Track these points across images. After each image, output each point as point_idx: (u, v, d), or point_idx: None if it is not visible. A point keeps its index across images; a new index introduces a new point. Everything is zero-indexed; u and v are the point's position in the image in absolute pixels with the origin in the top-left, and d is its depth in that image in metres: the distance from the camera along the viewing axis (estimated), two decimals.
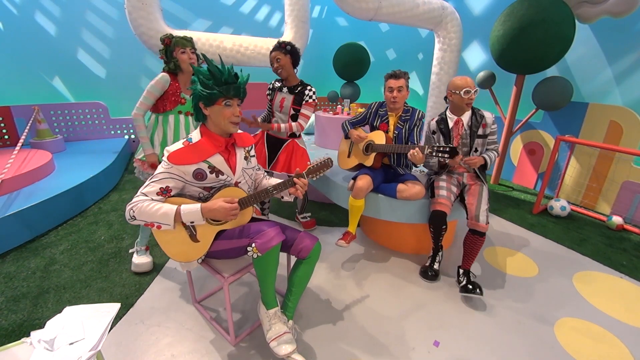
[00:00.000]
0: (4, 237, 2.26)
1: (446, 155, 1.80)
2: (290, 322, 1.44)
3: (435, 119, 2.17)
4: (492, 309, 1.85)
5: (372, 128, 2.30)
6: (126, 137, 4.97)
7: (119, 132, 4.98)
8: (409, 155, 1.91)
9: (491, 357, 1.53)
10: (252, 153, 1.56)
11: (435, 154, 1.84)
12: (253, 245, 1.29)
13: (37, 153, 3.41)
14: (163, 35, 1.98)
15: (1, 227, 2.22)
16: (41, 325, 1.46)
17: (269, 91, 2.37)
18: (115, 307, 1.10)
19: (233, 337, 1.56)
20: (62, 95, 4.72)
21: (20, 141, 3.31)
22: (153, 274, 2.08)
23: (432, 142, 2.20)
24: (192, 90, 1.34)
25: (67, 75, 4.67)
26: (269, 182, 1.63)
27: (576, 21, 3.03)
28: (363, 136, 2.25)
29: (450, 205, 2.01)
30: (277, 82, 2.35)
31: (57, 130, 4.54)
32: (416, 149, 1.88)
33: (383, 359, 1.51)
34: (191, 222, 1.33)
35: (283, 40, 2.23)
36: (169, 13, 4.88)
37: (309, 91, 2.22)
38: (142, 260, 2.09)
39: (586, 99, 3.47)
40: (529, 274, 2.19)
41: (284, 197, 1.53)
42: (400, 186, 2.11)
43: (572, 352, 1.57)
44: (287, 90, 2.27)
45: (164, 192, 1.33)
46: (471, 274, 1.97)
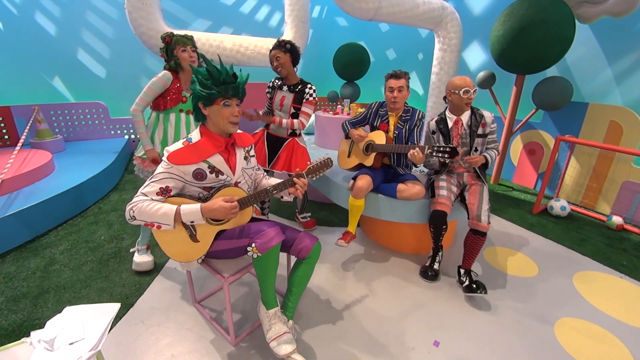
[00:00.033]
0: (4, 237, 2.26)
1: (446, 155, 1.80)
2: (290, 322, 1.44)
3: (435, 119, 2.17)
4: (492, 309, 1.85)
5: (372, 128, 2.30)
6: (126, 137, 4.98)
7: (119, 132, 4.98)
8: (409, 155, 1.91)
9: (491, 357, 1.53)
10: (251, 153, 1.56)
11: (436, 154, 1.84)
12: (253, 245, 1.29)
13: (37, 153, 3.41)
14: (164, 34, 1.98)
15: (1, 227, 2.23)
16: (41, 325, 1.46)
17: (268, 89, 2.37)
18: (115, 307, 1.10)
19: (233, 337, 1.56)
20: (62, 95, 4.72)
21: (20, 141, 3.31)
22: (153, 274, 2.08)
23: (432, 142, 2.20)
24: (192, 90, 1.34)
25: (67, 75, 4.67)
26: (268, 182, 1.63)
27: (576, 21, 3.03)
28: (363, 135, 2.25)
29: (451, 205, 2.01)
30: (277, 81, 2.34)
31: (57, 130, 4.54)
32: (416, 149, 1.88)
33: (383, 359, 1.51)
34: (191, 222, 1.33)
35: (283, 39, 2.22)
36: (169, 13, 4.88)
37: (309, 89, 2.22)
38: (143, 259, 2.09)
39: (586, 99, 3.47)
40: (529, 274, 2.19)
41: (283, 197, 1.53)
42: (400, 186, 2.11)
43: (572, 352, 1.57)
44: (288, 89, 2.26)
45: (164, 192, 1.33)
46: (472, 273, 1.98)
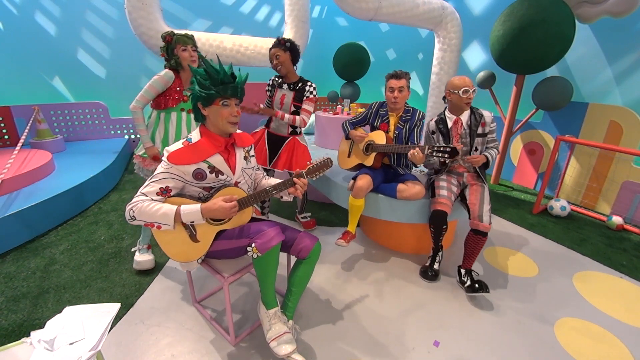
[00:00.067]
0: (4, 237, 2.26)
1: (446, 155, 1.80)
2: (290, 322, 1.44)
3: (434, 119, 2.17)
4: (492, 309, 1.85)
5: (373, 128, 2.30)
6: (126, 137, 4.98)
7: (119, 132, 4.98)
8: (409, 155, 1.91)
9: (491, 357, 1.53)
10: (251, 153, 1.56)
11: (436, 154, 1.84)
12: (253, 245, 1.29)
13: (37, 153, 3.41)
14: (164, 33, 1.98)
15: (1, 227, 2.23)
16: (41, 325, 1.46)
17: (268, 87, 2.36)
18: (115, 307, 1.10)
19: (233, 337, 1.56)
20: (62, 95, 4.72)
21: (20, 141, 3.31)
22: (153, 274, 2.08)
23: (432, 142, 2.20)
24: (191, 91, 1.34)
25: (67, 75, 4.67)
26: (268, 182, 1.63)
27: (576, 21, 3.03)
28: (364, 135, 2.25)
29: (451, 205, 2.01)
30: (277, 79, 2.33)
31: (57, 130, 4.54)
32: (416, 149, 1.88)
33: (383, 359, 1.51)
34: (191, 222, 1.33)
35: (283, 37, 2.21)
36: (169, 13, 4.88)
37: (310, 87, 2.22)
38: (143, 258, 2.09)
39: (586, 99, 3.47)
40: (529, 274, 2.19)
41: (283, 197, 1.53)
42: (400, 186, 2.11)
43: (572, 352, 1.57)
44: (288, 87, 2.26)
45: (164, 192, 1.33)
46: (473, 273, 1.98)
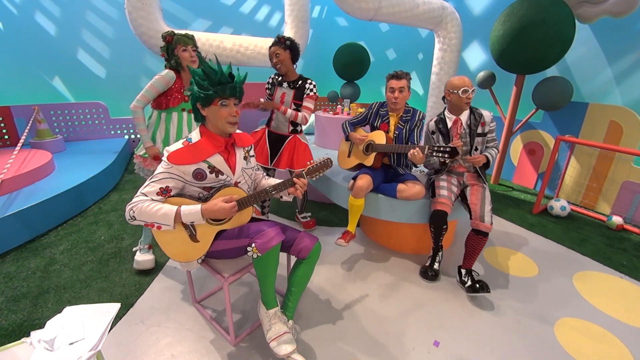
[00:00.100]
0: (4, 237, 2.26)
1: (446, 155, 1.80)
2: (290, 322, 1.44)
3: (434, 119, 2.17)
4: (492, 309, 1.85)
5: (373, 128, 2.30)
6: (126, 137, 4.97)
7: (119, 132, 4.98)
8: (409, 155, 1.91)
9: (491, 357, 1.53)
10: (251, 153, 1.56)
11: (436, 154, 1.84)
12: (253, 245, 1.29)
13: (37, 153, 3.41)
14: (165, 32, 1.97)
15: (1, 227, 2.22)
16: (41, 325, 1.46)
17: (268, 85, 2.36)
18: (115, 307, 1.10)
19: (233, 337, 1.56)
20: (62, 95, 4.72)
21: (20, 141, 3.31)
22: (153, 274, 2.08)
23: (432, 142, 2.20)
24: (190, 91, 1.34)
25: (67, 75, 4.67)
26: (267, 182, 1.63)
27: (576, 21, 3.03)
28: (364, 137, 2.24)
29: (451, 205, 2.01)
30: (276, 77, 2.33)
31: (57, 130, 4.54)
32: (416, 149, 1.88)
33: (383, 359, 1.51)
34: (191, 222, 1.33)
35: (283, 35, 2.20)
36: (169, 13, 4.88)
37: (310, 84, 2.22)
38: (144, 258, 2.09)
39: (586, 99, 3.47)
40: (529, 274, 2.19)
41: (283, 197, 1.53)
42: (400, 186, 2.11)
43: (572, 352, 1.57)
44: (288, 85, 2.26)
45: (164, 192, 1.33)
46: (474, 273, 1.97)
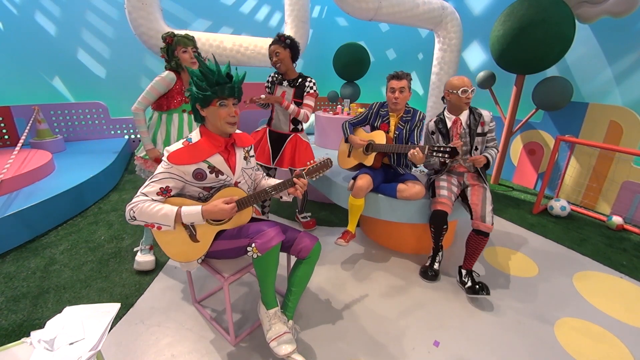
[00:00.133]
0: (4, 237, 2.26)
1: (446, 156, 1.80)
2: (290, 322, 1.44)
3: (434, 120, 2.17)
4: (492, 309, 1.85)
5: (373, 128, 2.29)
6: (126, 137, 4.97)
7: (119, 132, 4.98)
8: (409, 155, 1.91)
9: (491, 357, 1.53)
10: (251, 153, 1.56)
11: (436, 154, 1.84)
12: (253, 245, 1.29)
13: (37, 153, 3.41)
14: (165, 34, 1.97)
15: (1, 227, 2.22)
16: (41, 325, 1.46)
17: (268, 84, 2.36)
18: (115, 307, 1.10)
19: (233, 337, 1.56)
20: (62, 95, 4.72)
21: (20, 141, 3.31)
22: (153, 274, 2.08)
23: (432, 142, 2.20)
24: (189, 92, 1.34)
25: (67, 75, 4.67)
26: (267, 182, 1.63)
27: (576, 21, 3.02)
28: (363, 143, 2.22)
29: (451, 205, 2.01)
30: (276, 75, 2.33)
31: (57, 130, 4.53)
32: (416, 149, 1.88)
33: (383, 359, 1.51)
34: (191, 222, 1.33)
35: (283, 33, 2.19)
36: (169, 13, 4.88)
37: (310, 82, 2.22)
38: (144, 259, 2.09)
39: (586, 99, 3.47)
40: (529, 274, 2.19)
41: (282, 197, 1.53)
42: (400, 186, 2.11)
43: (572, 352, 1.57)
44: (288, 84, 2.26)
45: (164, 192, 1.33)
46: (474, 273, 1.97)
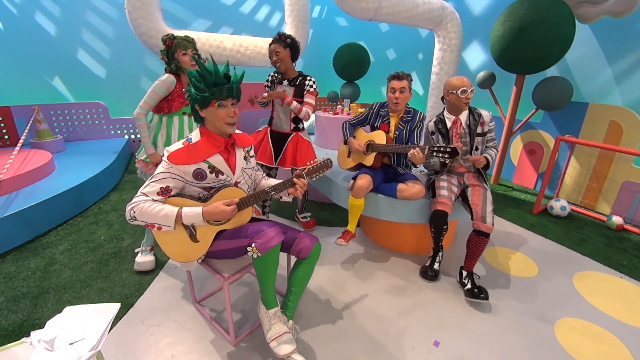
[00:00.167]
0: (4, 237, 2.26)
1: (446, 156, 1.80)
2: (290, 322, 1.44)
3: (433, 120, 2.17)
4: (492, 309, 1.85)
5: (373, 128, 2.29)
6: (126, 137, 4.98)
7: (119, 132, 4.98)
8: (409, 155, 1.91)
9: (491, 357, 1.53)
10: (251, 153, 1.56)
11: (436, 154, 1.84)
12: (253, 245, 1.29)
13: (37, 153, 3.41)
14: (164, 36, 1.96)
15: (1, 227, 2.22)
16: (41, 325, 1.46)
17: (267, 84, 2.36)
18: (115, 307, 1.10)
19: (233, 337, 1.56)
20: (62, 95, 4.72)
21: (20, 141, 3.31)
22: (153, 274, 2.08)
23: (432, 143, 2.20)
24: (188, 93, 1.34)
25: (67, 75, 4.68)
26: (267, 182, 1.63)
27: (576, 21, 3.02)
28: (361, 149, 2.21)
29: (452, 205, 2.01)
30: (276, 74, 2.33)
31: (57, 130, 4.54)
32: (416, 149, 1.88)
33: (383, 359, 1.51)
34: (192, 223, 1.33)
35: (283, 32, 2.18)
36: (169, 13, 4.88)
37: (309, 81, 2.22)
38: (144, 259, 2.09)
39: (586, 99, 3.47)
40: (529, 274, 2.19)
41: (282, 198, 1.53)
42: (400, 186, 2.11)
43: (572, 352, 1.57)
44: (288, 83, 2.26)
45: (164, 192, 1.33)
46: (475, 276, 1.97)
